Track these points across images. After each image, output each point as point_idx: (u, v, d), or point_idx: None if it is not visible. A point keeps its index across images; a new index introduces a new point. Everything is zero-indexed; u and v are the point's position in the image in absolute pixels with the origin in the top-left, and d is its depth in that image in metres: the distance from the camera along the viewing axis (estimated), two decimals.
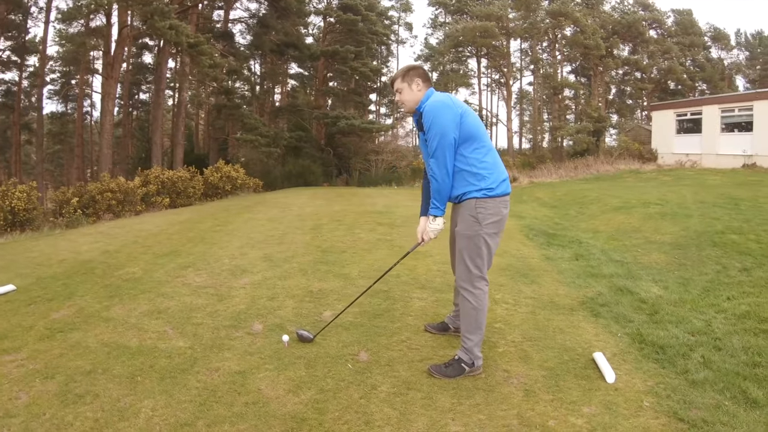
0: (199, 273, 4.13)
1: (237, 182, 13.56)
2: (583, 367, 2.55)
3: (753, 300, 3.33)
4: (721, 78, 29.69)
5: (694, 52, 28.25)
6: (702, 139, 16.95)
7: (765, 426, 1.85)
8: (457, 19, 28.30)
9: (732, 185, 10.35)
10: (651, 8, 26.81)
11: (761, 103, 14.97)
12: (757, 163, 14.20)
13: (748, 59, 32.41)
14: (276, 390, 2.25)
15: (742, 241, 4.96)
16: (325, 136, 22.49)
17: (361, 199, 10.16)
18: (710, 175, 13.12)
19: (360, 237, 5.70)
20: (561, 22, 24.08)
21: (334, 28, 24.47)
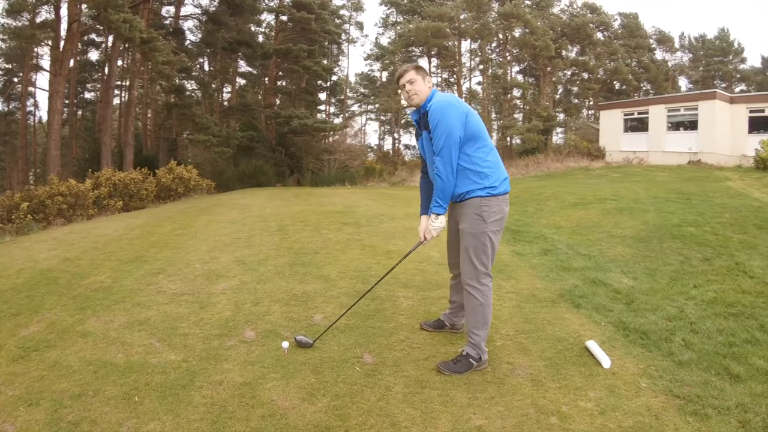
0: (172, 279, 4.01)
1: (190, 184, 13.27)
2: (579, 355, 2.77)
3: (718, 287, 3.74)
4: (665, 79, 32.35)
5: (640, 54, 30.63)
6: (649, 137, 18.39)
7: (751, 397, 2.14)
8: (409, 19, 29.01)
9: (680, 181, 11.31)
10: (599, 11, 28.77)
11: (706, 103, 16.54)
12: (702, 160, 15.67)
13: (691, 61, 35.40)
14: (289, 399, 2.25)
15: (699, 233, 5.49)
16: (277, 136, 22.33)
17: (318, 199, 10.24)
18: (658, 171, 14.28)
19: (329, 237, 5.78)
20: (512, 23, 25.25)
21: (286, 26, 24.40)
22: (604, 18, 28.77)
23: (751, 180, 10.45)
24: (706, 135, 16.12)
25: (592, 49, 28.99)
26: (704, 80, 33.12)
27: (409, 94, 2.64)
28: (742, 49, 33.68)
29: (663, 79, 31.55)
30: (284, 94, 24.97)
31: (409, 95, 2.64)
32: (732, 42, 33.61)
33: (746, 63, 34.06)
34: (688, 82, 35.21)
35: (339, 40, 29.89)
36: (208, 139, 18.27)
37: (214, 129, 19.17)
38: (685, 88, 34.35)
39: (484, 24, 25.95)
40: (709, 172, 12.51)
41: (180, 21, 23.01)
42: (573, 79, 31.79)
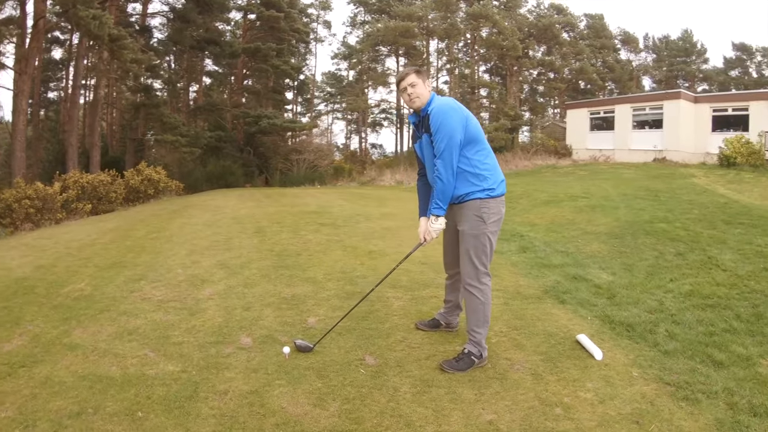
0: (156, 286, 3.96)
1: (159, 185, 13.20)
2: (571, 348, 2.95)
3: (693, 280, 4.03)
4: (629, 78, 33.95)
5: (605, 54, 32.05)
6: (615, 136, 19.26)
7: (735, 381, 2.36)
8: (377, 19, 29.32)
9: (647, 178, 11.93)
10: (565, 12, 29.88)
11: (671, 102, 17.51)
12: (666, 158, 16.56)
13: (655, 61, 37.36)
14: (300, 406, 2.28)
15: (670, 229, 5.84)
16: (245, 136, 22.16)
17: (290, 199, 10.27)
18: (624, 169, 14.98)
19: (309, 239, 5.84)
20: (481, 23, 25.89)
21: (254, 24, 24.24)
22: (571, 19, 29.90)
23: (715, 177, 11.16)
24: (671, 133, 17.06)
25: (558, 49, 30.07)
26: (667, 80, 34.97)
27: (410, 97, 2.72)
28: (705, 50, 35.90)
29: (627, 78, 33.11)
30: (252, 93, 24.82)
31: (410, 98, 2.72)
32: (695, 43, 35.64)
33: (709, 63, 36.31)
34: (651, 81, 37.14)
35: (307, 39, 29.93)
36: (177, 140, 18.05)
37: (182, 129, 19.00)
38: (649, 87, 36.21)
39: (452, 24, 26.47)
40: (675, 170, 13.25)
41: (147, 18, 22.64)
42: (539, 79, 32.90)
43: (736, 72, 35.66)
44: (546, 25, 27.58)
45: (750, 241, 4.89)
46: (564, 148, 21.10)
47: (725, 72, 35.56)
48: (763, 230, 5.16)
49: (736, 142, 13.67)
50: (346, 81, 34.54)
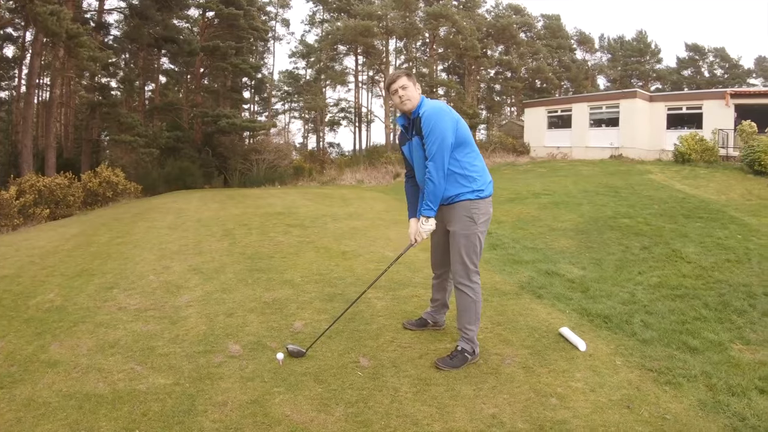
0: (129, 294, 3.84)
1: (118, 188, 12.89)
2: (555, 341, 3.12)
3: (660, 273, 4.33)
4: (585, 77, 35.58)
5: (561, 54, 33.46)
6: (572, 134, 20.13)
7: (711, 365, 2.60)
8: (336, 17, 29.40)
9: (605, 175, 12.54)
10: (523, 13, 31.01)
11: (627, 101, 18.51)
12: (623, 154, 17.50)
13: (610, 61, 39.24)
14: (304, 413, 2.28)
15: (634, 224, 6.22)
16: (203, 136, 21.64)
17: (253, 200, 10.19)
18: (582, 166, 15.68)
19: (279, 241, 5.85)
20: (441, 23, 26.42)
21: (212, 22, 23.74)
22: (528, 19, 31.05)
23: (671, 173, 11.90)
24: (627, 131, 18.05)
25: (516, 49, 31.12)
26: (622, 79, 36.84)
27: (401, 100, 2.78)
28: (659, 50, 37.96)
29: (583, 77, 34.70)
30: (210, 92, 24.32)
31: (401, 101, 2.78)
32: (649, 43, 37.64)
33: (662, 63, 38.44)
34: (606, 80, 39.04)
35: (266, 37, 29.65)
36: (134, 140, 17.53)
37: (139, 129, 18.43)
38: (603, 86, 38.08)
39: (411, 23, 26.88)
40: (631, 166, 14.02)
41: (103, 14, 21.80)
42: (496, 78, 33.94)
43: (688, 72, 37.86)
44: (504, 25, 28.48)
45: (710, 234, 5.30)
46: (522, 145, 21.84)
47: (678, 71, 37.70)
48: (722, 224, 5.61)
49: (690, 140, 14.57)
50: (304, 80, 34.43)
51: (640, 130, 18.01)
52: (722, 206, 6.96)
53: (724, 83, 33.76)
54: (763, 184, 9.74)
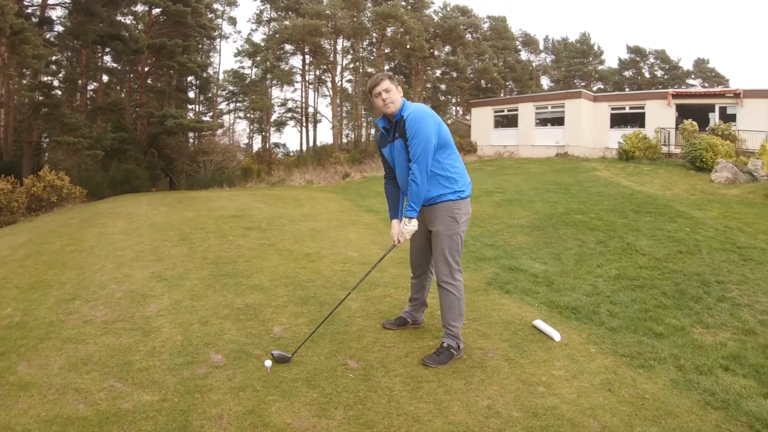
0: (93, 305, 3.65)
1: (63, 192, 12.38)
2: (531, 333, 3.31)
3: (617, 265, 4.67)
4: (529, 78, 37.11)
5: (507, 55, 34.66)
6: (518, 132, 21.05)
7: (678, 348, 2.87)
8: (284, 16, 29.13)
9: (553, 172, 13.22)
10: (469, 14, 31.91)
11: (572, 101, 19.57)
12: (568, 152, 18.50)
13: (554, 62, 40.92)
14: (305, 419, 2.28)
15: (587, 219, 6.63)
16: (148, 137, 20.70)
17: (204, 203, 9.97)
18: (529, 164, 16.44)
19: (239, 244, 5.78)
20: (390, 23, 26.78)
21: (159, 19, 22.75)
22: (475, 20, 32.03)
23: (616, 170, 12.73)
24: (572, 130, 19.11)
25: (462, 50, 31.99)
26: (565, 79, 38.70)
27: (385, 103, 2.83)
28: (602, 52, 40.00)
29: (528, 78, 36.22)
30: (156, 92, 23.30)
31: (385, 104, 2.83)
32: (592, 45, 39.67)
33: (604, 64, 40.48)
34: (549, 80, 40.85)
35: (213, 36, 28.86)
36: (78, 141, 16.55)
37: (83, 130, 17.38)
38: (547, 86, 39.86)
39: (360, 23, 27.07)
40: (577, 164, 14.87)
41: (47, 10, 20.35)
42: (443, 78, 34.77)
43: (630, 72, 39.98)
44: (451, 26, 29.22)
45: (660, 227, 5.77)
46: (469, 144, 22.57)
47: (620, 72, 39.83)
48: (670, 218, 6.12)
49: (634, 138, 15.64)
50: (249, 79, 33.76)
51: (584, 129, 19.13)
52: (669, 201, 7.58)
53: (665, 84, 36.04)
54: (705, 179, 10.68)
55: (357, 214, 8.81)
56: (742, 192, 9.02)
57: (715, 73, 37.75)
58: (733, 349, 2.81)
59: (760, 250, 5.03)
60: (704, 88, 30.67)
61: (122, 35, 20.37)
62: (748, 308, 3.50)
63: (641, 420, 2.19)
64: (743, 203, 7.91)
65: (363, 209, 9.41)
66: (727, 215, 6.72)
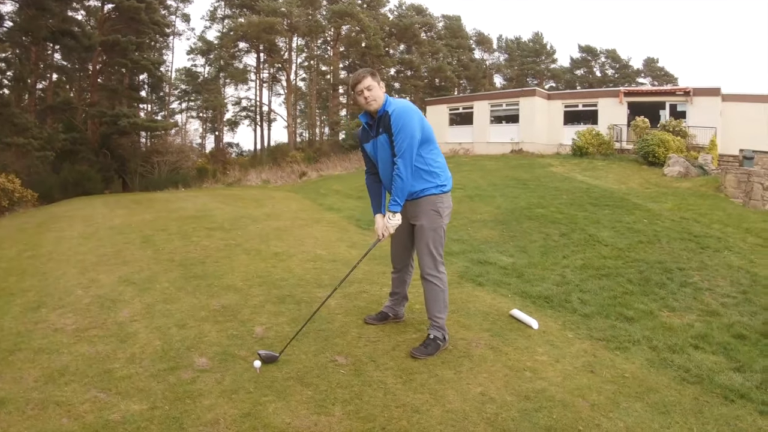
0: (61, 313, 3.45)
1: (14, 195, 11.89)
2: (509, 323, 3.44)
3: (583, 255, 4.92)
4: (483, 76, 38.02)
5: (461, 53, 35.33)
6: (473, 130, 21.56)
7: (649, 330, 3.08)
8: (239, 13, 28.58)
9: (509, 168, 13.64)
10: (424, 13, 32.34)
11: (526, 99, 20.22)
12: (523, 149, 19.11)
13: (507, 60, 42.05)
14: (304, 418, 2.26)
15: (548, 213, 6.91)
16: (100, 138, 19.76)
17: (163, 204, 9.69)
18: (486, 161, 16.89)
19: (205, 245, 5.67)
20: (346, 21, 26.77)
21: (111, 15, 21.66)
22: (430, 20, 32.51)
23: (571, 165, 13.29)
24: (527, 127, 19.77)
25: (417, 48, 32.39)
26: (518, 78, 39.88)
27: (367, 100, 2.84)
28: (554, 51, 41.52)
29: (481, 76, 37.15)
30: (109, 90, 22.22)
31: (367, 101, 2.85)
32: (545, 44, 41.08)
33: (557, 63, 41.98)
34: (502, 79, 41.91)
35: (166, 32, 27.81)
36: (29, 143, 15.77)
37: (34, 131, 16.57)
38: (500, 84, 40.92)
39: (315, 21, 26.93)
40: (533, 160, 15.40)
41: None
42: (397, 76, 35.08)
43: (581, 71, 41.61)
44: (407, 24, 29.53)
45: (619, 219, 6.12)
46: None
47: (572, 71, 41.40)
48: (627, 210, 6.49)
49: (587, 134, 16.36)
50: (202, 78, 32.79)
51: (538, 126, 19.84)
52: (624, 194, 8.04)
53: (615, 82, 37.81)
54: (658, 173, 11.37)
55: (319, 212, 8.78)
56: (694, 185, 9.70)
57: (664, 72, 39.64)
58: (700, 329, 3.06)
59: (716, 239, 5.46)
60: (654, 86, 32.51)
61: (74, 31, 19.37)
62: (709, 292, 3.81)
63: (625, 397, 2.35)
64: (696, 195, 8.52)
65: (324, 208, 9.39)
66: (681, 207, 7.22)
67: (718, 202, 7.91)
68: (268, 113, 34.78)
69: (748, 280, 4.22)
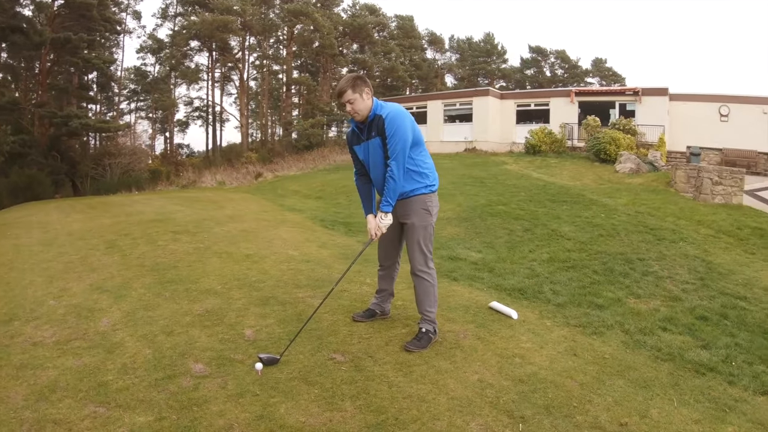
0: (36, 325, 3.27)
1: None
2: (490, 314, 3.64)
3: (547, 249, 5.23)
4: (435, 76, 38.58)
5: (413, 53, 35.77)
6: (428, 129, 21.99)
7: (620, 316, 3.37)
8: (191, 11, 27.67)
9: (465, 167, 14.06)
10: (378, 13, 32.49)
11: (480, 99, 20.81)
12: (476, 148, 19.69)
13: (459, 60, 42.63)
14: (318, 415, 2.30)
15: (509, 210, 7.24)
16: (49, 139, 18.57)
17: (119, 208, 9.34)
18: (440, 159, 17.26)
19: (173, 249, 5.55)
20: (301, 21, 26.52)
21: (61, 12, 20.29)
22: (383, 19, 32.72)
23: (525, 163, 13.85)
24: (480, 126, 20.37)
25: (370, 48, 32.57)
26: (469, 77, 40.62)
27: (351, 114, 2.95)
28: (505, 51, 42.37)
29: (433, 76, 37.74)
30: (59, 90, 20.83)
31: (351, 114, 2.96)
32: (496, 45, 41.93)
33: (507, 63, 42.91)
34: (454, 78, 42.60)
35: (118, 30, 26.44)
36: None
37: None
38: (451, 84, 41.60)
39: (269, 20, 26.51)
40: (487, 158, 15.94)
41: None
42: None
43: (531, 71, 42.73)
44: (360, 24, 29.59)
45: (578, 214, 6.52)
46: None
47: (522, 71, 42.49)
48: (584, 206, 6.91)
49: (540, 133, 17.03)
50: (152, 77, 31.38)
51: (492, 125, 20.51)
52: (580, 191, 8.54)
53: (565, 82, 39.17)
54: (610, 170, 12.06)
55: (281, 213, 8.74)
56: (646, 180, 10.40)
57: (612, 72, 41.19)
58: (666, 313, 3.39)
59: (670, 231, 5.95)
60: (602, 86, 34.06)
61: (24, 28, 18.05)
62: (670, 279, 4.19)
63: (608, 375, 2.59)
64: (648, 190, 9.16)
65: (285, 209, 9.35)
66: (635, 202, 7.78)
67: (670, 197, 8.55)
68: (221, 113, 33.87)
69: (704, 267, 4.69)
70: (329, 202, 9.82)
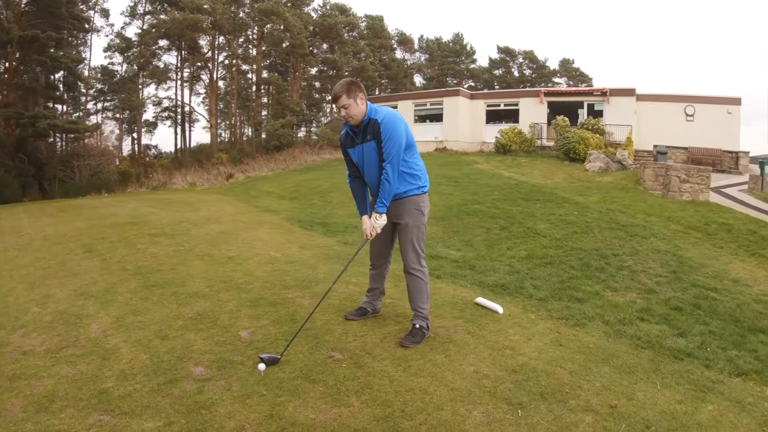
0: (24, 333, 3.17)
1: None
2: (476, 310, 3.78)
3: (524, 246, 5.44)
4: (404, 76, 38.75)
5: (383, 53, 35.88)
6: None
7: (600, 308, 3.57)
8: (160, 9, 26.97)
9: (437, 166, 14.28)
10: (348, 13, 32.43)
11: (450, 99, 21.09)
12: (447, 147, 19.96)
13: (428, 60, 42.72)
14: (327, 411, 2.35)
15: (485, 209, 7.45)
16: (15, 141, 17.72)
17: (91, 211, 9.09)
18: None
19: (153, 252, 5.49)
20: (271, 20, 26.22)
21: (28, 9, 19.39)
22: (353, 19, 32.69)
23: (495, 162, 14.15)
24: (450, 126, 20.66)
25: (340, 48, 32.50)
26: (438, 77, 40.83)
27: (346, 118, 3.02)
28: (474, 51, 42.67)
29: (402, 76, 37.95)
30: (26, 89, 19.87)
31: (346, 118, 3.03)
32: (465, 45, 42.21)
33: (476, 63, 43.30)
34: (423, 78, 42.82)
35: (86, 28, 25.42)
36: None
37: None
38: (420, 84, 41.85)
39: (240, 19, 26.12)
40: (458, 158, 16.21)
41: None
42: (320, 75, 34.91)
43: (500, 71, 43.20)
44: (330, 24, 29.50)
45: (552, 212, 6.77)
46: None
47: (490, 71, 42.93)
48: (557, 204, 7.18)
49: (510, 132, 17.34)
50: (119, 76, 30.33)
51: (462, 124, 20.81)
52: (552, 189, 8.84)
53: (533, 82, 39.66)
54: (580, 169, 12.46)
55: (257, 215, 8.70)
56: (615, 179, 10.81)
57: (579, 73, 42.02)
58: (642, 305, 3.62)
59: (641, 227, 6.27)
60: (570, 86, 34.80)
61: None
62: (644, 273, 4.45)
63: (594, 363, 2.77)
64: (618, 189, 9.53)
65: (261, 210, 9.30)
66: (606, 199, 8.11)
67: (639, 194, 8.95)
68: (190, 113, 33.07)
69: (675, 261, 5.00)
70: (304, 203, 9.81)
